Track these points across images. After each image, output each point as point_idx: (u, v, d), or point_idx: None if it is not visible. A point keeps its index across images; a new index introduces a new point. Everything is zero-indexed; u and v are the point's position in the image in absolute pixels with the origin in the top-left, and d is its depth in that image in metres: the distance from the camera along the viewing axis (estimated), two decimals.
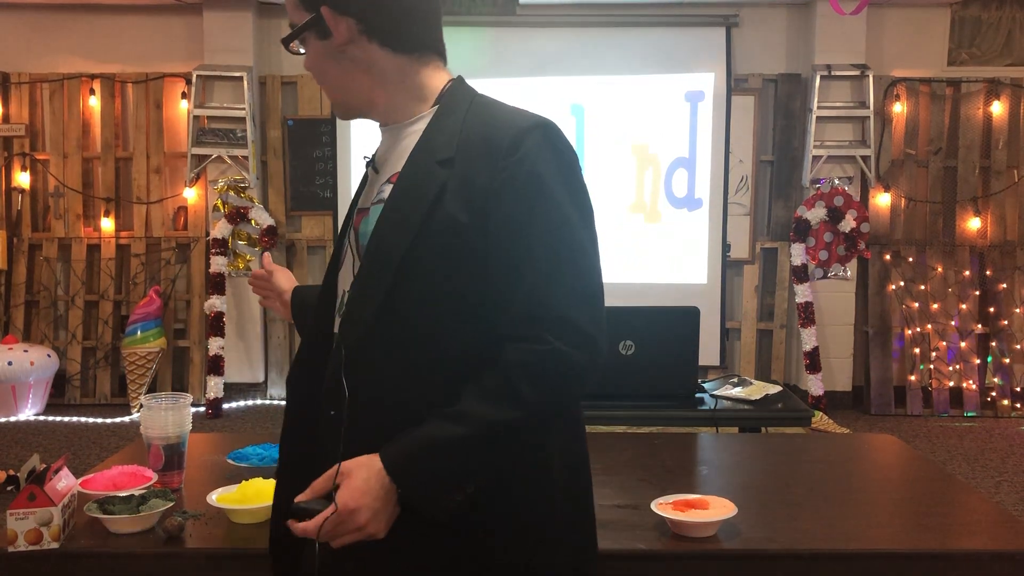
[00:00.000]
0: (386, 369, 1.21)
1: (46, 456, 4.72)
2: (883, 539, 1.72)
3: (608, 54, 6.01)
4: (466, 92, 1.30)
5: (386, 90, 1.29)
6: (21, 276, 6.23)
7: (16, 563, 1.61)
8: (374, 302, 1.20)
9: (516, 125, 1.20)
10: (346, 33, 1.25)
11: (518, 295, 1.16)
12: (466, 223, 1.17)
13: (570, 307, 1.16)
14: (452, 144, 1.21)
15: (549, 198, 1.17)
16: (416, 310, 1.19)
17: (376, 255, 1.23)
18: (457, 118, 1.24)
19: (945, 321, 6.05)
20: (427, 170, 1.21)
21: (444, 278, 1.18)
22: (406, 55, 1.28)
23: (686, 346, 3.00)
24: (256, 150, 6.11)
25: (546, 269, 1.16)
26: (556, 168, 1.19)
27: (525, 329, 1.16)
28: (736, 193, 6.15)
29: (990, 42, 6.29)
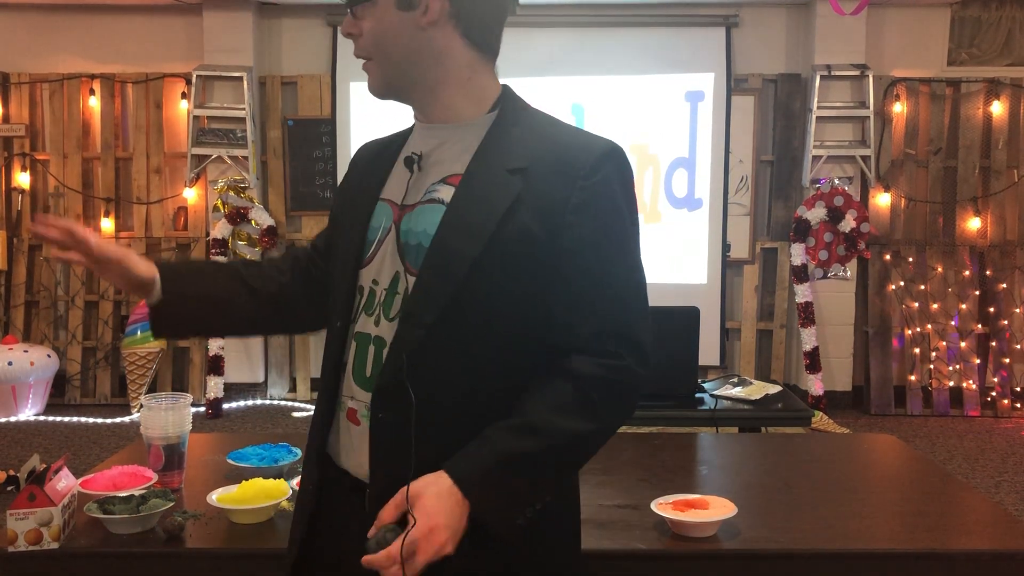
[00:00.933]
0: (443, 374, 1.19)
1: (46, 456, 4.72)
2: (883, 539, 1.72)
3: (608, 54, 6.01)
4: (522, 103, 1.31)
5: (451, 83, 1.25)
6: (21, 276, 6.23)
7: (16, 563, 1.61)
8: (437, 306, 1.19)
9: (593, 148, 1.22)
10: (437, 11, 1.21)
11: (596, 311, 1.20)
12: (539, 235, 1.18)
13: (640, 327, 1.23)
14: (524, 156, 1.21)
15: (622, 221, 1.24)
16: (479, 316, 1.19)
17: (441, 258, 1.20)
18: (521, 129, 1.25)
19: (945, 321, 6.05)
20: (498, 178, 1.20)
21: (510, 287, 1.19)
22: (480, 52, 1.27)
23: (686, 346, 3.00)
24: (256, 150, 6.11)
25: (622, 289, 1.22)
26: (626, 194, 1.25)
27: (602, 344, 1.19)
28: (736, 193, 6.15)
29: (990, 42, 6.29)
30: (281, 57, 6.26)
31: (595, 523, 1.75)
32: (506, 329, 1.20)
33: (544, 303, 1.20)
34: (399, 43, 1.24)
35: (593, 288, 1.20)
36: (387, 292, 1.25)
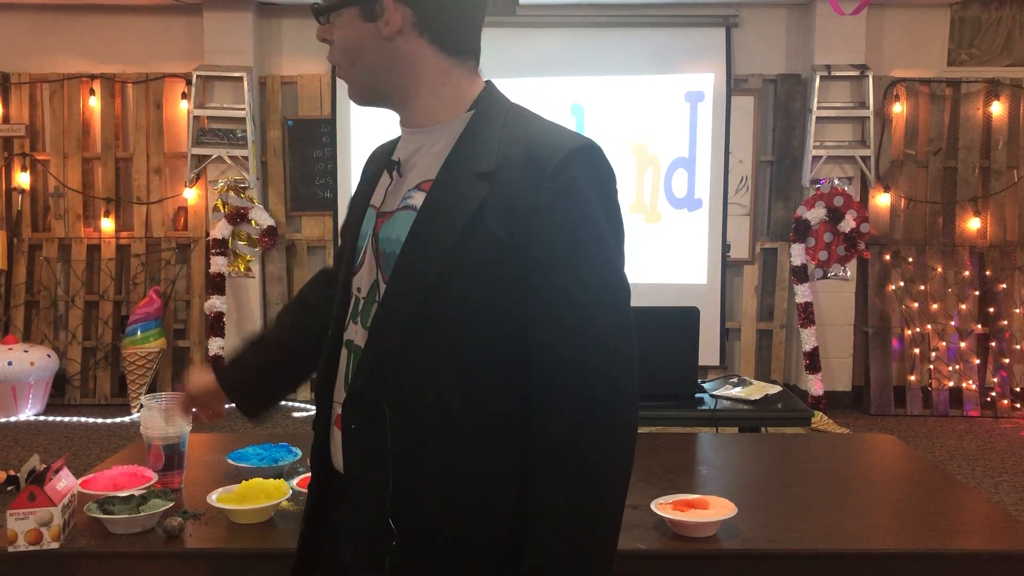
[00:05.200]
0: (415, 383, 1.19)
1: (46, 456, 4.72)
2: (883, 539, 1.72)
3: (608, 54, 6.02)
4: (501, 101, 1.27)
5: (424, 90, 1.25)
6: (21, 276, 6.23)
7: (16, 563, 1.61)
8: (406, 313, 1.18)
9: (562, 146, 1.18)
10: (399, 21, 1.21)
11: (564, 324, 1.14)
12: (505, 240, 1.15)
13: (613, 334, 1.16)
14: (492, 157, 1.18)
15: (593, 223, 1.16)
16: (450, 325, 1.17)
17: (409, 268, 1.20)
18: (495, 129, 1.21)
19: (945, 321, 6.05)
20: (466, 182, 1.18)
21: (479, 295, 1.16)
22: (451, 57, 1.25)
23: (686, 346, 3.00)
24: (256, 150, 6.11)
25: (593, 296, 1.15)
26: (599, 194, 1.18)
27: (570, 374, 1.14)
28: (736, 193, 6.15)
29: (990, 42, 6.29)
30: (281, 57, 6.26)
31: None
32: (479, 337, 1.17)
33: (516, 311, 1.16)
34: (366, 53, 1.25)
35: (561, 297, 1.14)
36: (365, 300, 1.26)
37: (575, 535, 1.12)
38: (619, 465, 1.16)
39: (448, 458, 1.18)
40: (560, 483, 1.12)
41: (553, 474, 1.13)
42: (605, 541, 1.15)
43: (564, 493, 1.12)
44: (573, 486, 1.12)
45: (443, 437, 1.18)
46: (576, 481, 1.12)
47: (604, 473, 1.14)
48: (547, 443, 1.14)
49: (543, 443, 1.14)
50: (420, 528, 1.18)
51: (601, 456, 1.13)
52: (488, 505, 1.18)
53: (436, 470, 1.18)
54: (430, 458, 1.18)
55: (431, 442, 1.18)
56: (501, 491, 1.18)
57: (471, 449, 1.18)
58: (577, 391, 1.13)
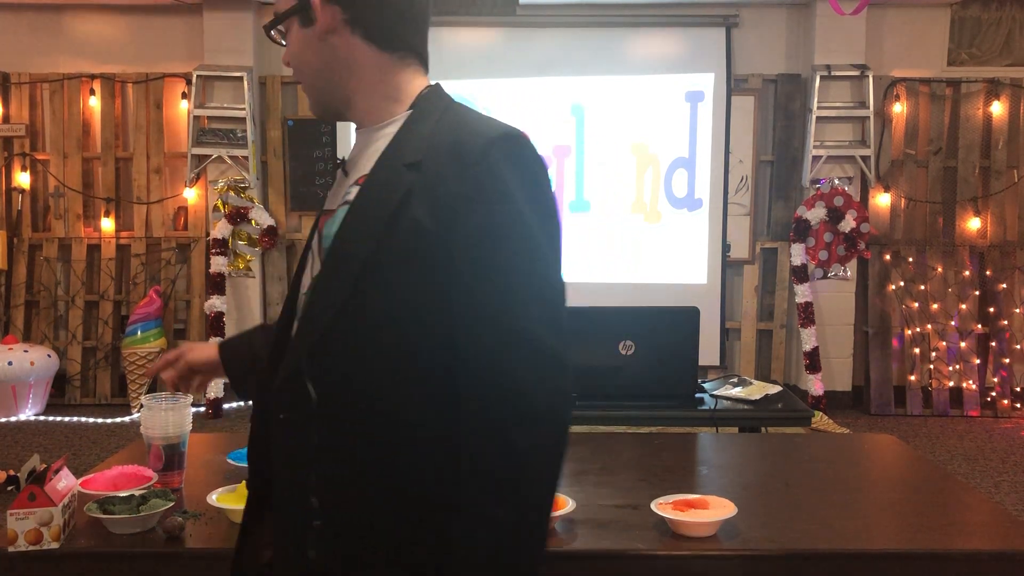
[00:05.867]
0: (342, 375, 1.19)
1: (46, 456, 4.72)
2: (883, 539, 1.72)
3: (608, 54, 6.02)
4: (442, 98, 1.28)
5: (364, 88, 1.27)
6: (21, 276, 6.23)
7: (16, 563, 1.61)
8: (333, 305, 1.19)
9: (484, 134, 1.18)
10: (331, 21, 1.24)
11: (482, 308, 1.13)
12: (431, 229, 1.15)
13: (534, 322, 1.13)
14: (421, 148, 1.20)
15: (513, 209, 1.15)
16: (376, 315, 1.17)
17: (337, 257, 1.21)
18: (429, 124, 1.23)
19: (945, 321, 6.05)
20: (394, 173, 1.20)
21: (406, 283, 1.16)
22: (388, 53, 1.26)
23: (686, 346, 3.00)
24: (256, 150, 6.11)
25: (517, 284, 1.13)
26: (521, 180, 1.17)
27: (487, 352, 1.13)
28: (736, 193, 6.15)
29: (990, 42, 6.29)
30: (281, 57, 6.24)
31: (595, 523, 1.75)
32: (406, 327, 1.17)
33: (442, 301, 1.16)
34: (309, 59, 1.28)
35: (483, 287, 1.13)
36: (306, 296, 1.27)
37: (496, 531, 1.11)
38: (543, 464, 1.13)
39: (373, 449, 1.18)
40: (482, 479, 1.11)
41: (475, 469, 1.12)
42: (528, 540, 1.13)
43: (486, 490, 1.11)
44: (495, 483, 1.11)
45: (369, 428, 1.18)
46: (498, 478, 1.11)
47: (527, 472, 1.11)
48: (470, 439, 1.13)
49: (467, 439, 1.14)
50: (343, 517, 1.19)
51: (524, 454, 1.11)
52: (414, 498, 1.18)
53: (361, 461, 1.18)
54: (355, 449, 1.19)
55: (356, 433, 1.19)
56: (428, 485, 1.18)
57: (398, 441, 1.18)
58: (498, 385, 1.11)
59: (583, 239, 6.08)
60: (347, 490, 1.19)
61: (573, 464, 2.16)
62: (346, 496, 1.19)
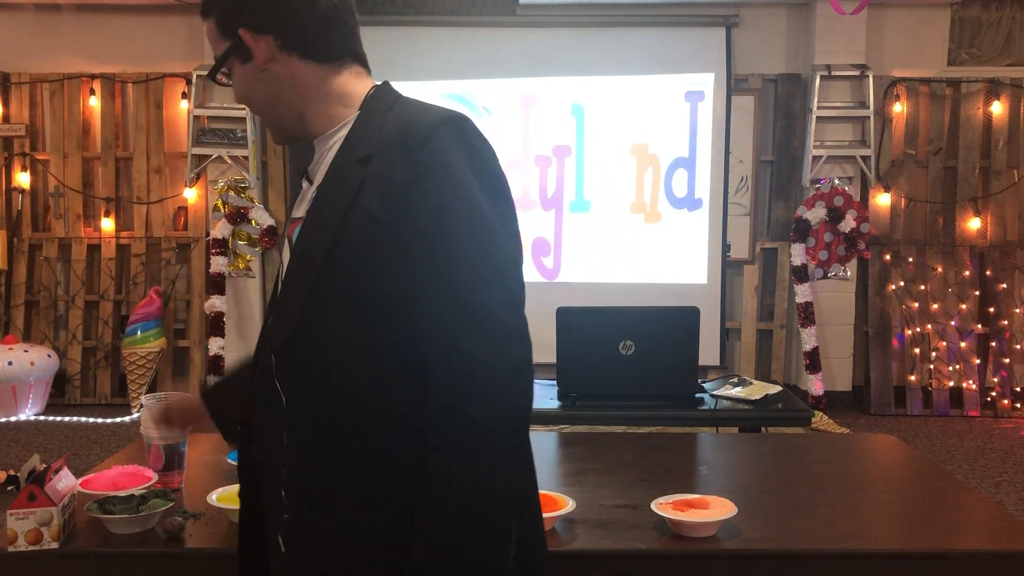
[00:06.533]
0: (311, 373, 1.22)
1: (46, 456, 4.72)
2: (883, 539, 1.72)
3: (608, 54, 6.01)
4: (389, 95, 1.31)
5: (311, 102, 1.30)
6: (21, 276, 6.23)
7: (16, 563, 1.61)
8: (299, 302, 1.22)
9: (428, 120, 1.20)
10: (266, 51, 1.27)
11: (438, 291, 1.15)
12: (382, 217, 1.17)
13: (489, 299, 1.14)
14: (372, 143, 1.22)
15: (461, 189, 1.16)
16: (341, 308, 1.20)
17: (300, 256, 1.24)
18: (378, 120, 1.25)
19: (945, 321, 6.05)
20: (348, 170, 1.23)
21: (366, 274, 1.18)
22: (326, 64, 1.29)
23: (686, 346, 3.00)
24: (256, 150, 6.11)
25: (461, 261, 1.15)
26: (467, 160, 1.19)
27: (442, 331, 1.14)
28: (736, 193, 6.15)
29: (990, 42, 6.29)
30: None
31: (595, 523, 1.75)
32: (369, 319, 1.19)
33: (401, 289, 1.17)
34: (256, 91, 1.32)
35: (438, 266, 1.15)
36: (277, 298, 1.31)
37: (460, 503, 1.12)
38: (503, 442, 1.13)
39: (343, 439, 1.20)
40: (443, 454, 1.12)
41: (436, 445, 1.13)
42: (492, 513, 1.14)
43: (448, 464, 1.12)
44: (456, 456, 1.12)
45: (338, 419, 1.20)
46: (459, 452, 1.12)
47: (488, 445, 1.12)
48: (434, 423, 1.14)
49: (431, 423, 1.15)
50: (311, 510, 1.22)
51: (483, 429, 1.11)
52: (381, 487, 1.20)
53: (331, 450, 1.21)
54: (325, 440, 1.21)
55: (326, 424, 1.21)
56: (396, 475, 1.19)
57: (366, 431, 1.20)
58: (455, 363, 1.12)
59: (583, 239, 6.08)
60: (314, 483, 1.22)
61: (573, 464, 2.16)
62: (313, 490, 1.22)
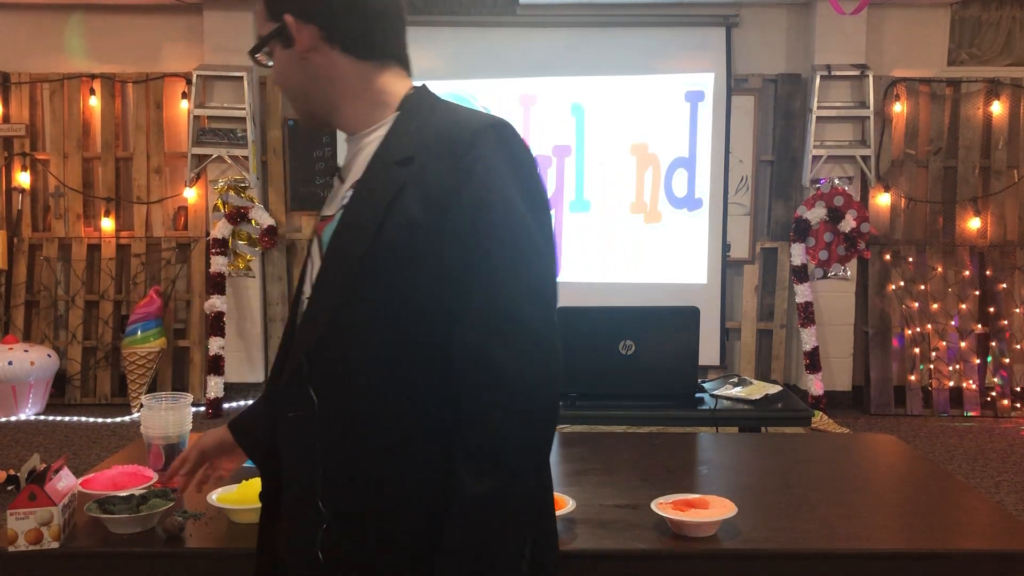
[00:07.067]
0: (343, 374, 1.21)
1: (46, 456, 4.73)
2: (883, 539, 1.72)
3: (608, 54, 6.01)
4: (428, 98, 1.30)
5: (348, 97, 1.30)
6: (21, 276, 6.23)
7: (16, 563, 1.61)
8: (332, 304, 1.21)
9: (471, 125, 1.20)
10: (309, 40, 1.27)
11: (472, 298, 1.15)
12: (423, 221, 1.16)
13: (523, 310, 1.14)
14: (411, 145, 1.22)
15: (502, 197, 1.16)
16: (375, 310, 1.19)
17: (335, 257, 1.23)
18: (418, 122, 1.25)
19: (945, 321, 6.05)
20: (386, 171, 1.22)
21: (402, 277, 1.18)
22: (368, 62, 1.29)
23: (686, 346, 3.00)
24: (256, 150, 6.11)
25: (498, 270, 1.15)
26: (510, 168, 1.18)
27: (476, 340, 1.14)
28: (736, 193, 6.15)
29: (990, 42, 6.29)
30: None
31: (595, 523, 1.75)
32: (403, 323, 1.18)
33: (437, 294, 1.17)
34: (292, 77, 1.32)
35: (475, 274, 1.15)
36: (307, 299, 1.29)
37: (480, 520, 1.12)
38: (527, 453, 1.14)
39: (375, 444, 1.20)
40: (469, 462, 1.13)
41: (464, 457, 1.14)
42: (511, 530, 1.14)
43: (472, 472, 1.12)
44: (480, 465, 1.12)
45: (370, 423, 1.20)
46: (483, 460, 1.12)
47: (509, 461, 1.12)
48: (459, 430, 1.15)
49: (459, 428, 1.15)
50: (349, 512, 1.21)
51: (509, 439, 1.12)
52: (414, 491, 1.19)
53: (363, 456, 1.20)
54: (357, 444, 1.20)
55: (359, 428, 1.20)
56: (427, 477, 1.19)
57: (398, 435, 1.19)
58: (486, 372, 1.13)
59: (583, 239, 6.08)
60: (351, 490, 1.20)
61: (573, 464, 2.16)
62: (350, 496, 1.20)
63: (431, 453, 1.19)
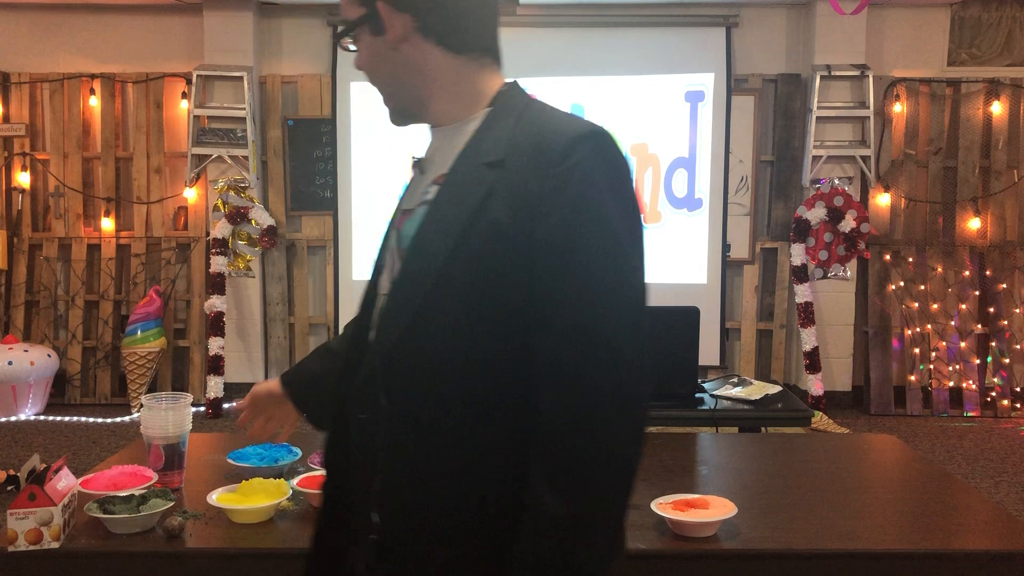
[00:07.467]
0: (416, 374, 1.17)
1: (46, 456, 4.73)
2: (883, 539, 1.72)
3: (608, 54, 6.02)
4: (520, 96, 1.26)
5: (438, 91, 1.25)
6: (21, 276, 6.23)
7: (16, 563, 1.61)
8: (412, 306, 1.17)
9: (568, 132, 1.14)
10: (401, 30, 1.22)
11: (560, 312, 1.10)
12: (511, 228, 1.12)
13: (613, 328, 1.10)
14: (502, 147, 1.16)
15: (598, 213, 1.11)
16: (453, 315, 1.15)
17: (417, 258, 1.19)
18: (509, 122, 1.20)
19: (945, 321, 6.05)
20: (474, 172, 1.17)
21: (485, 283, 1.13)
22: (461, 55, 1.24)
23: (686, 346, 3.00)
24: (256, 150, 6.11)
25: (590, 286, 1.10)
26: (607, 180, 1.13)
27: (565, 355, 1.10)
28: (736, 193, 6.15)
29: (990, 42, 6.29)
30: (281, 57, 6.26)
31: None
32: (482, 330, 1.14)
33: (520, 303, 1.13)
34: (380, 67, 1.27)
35: (564, 289, 1.10)
36: (386, 298, 1.25)
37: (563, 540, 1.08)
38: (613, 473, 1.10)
39: (440, 454, 1.16)
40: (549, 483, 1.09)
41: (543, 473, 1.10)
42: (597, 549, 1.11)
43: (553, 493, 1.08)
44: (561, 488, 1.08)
45: (438, 433, 1.16)
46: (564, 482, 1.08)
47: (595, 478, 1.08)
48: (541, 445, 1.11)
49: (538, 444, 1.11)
50: (404, 526, 1.17)
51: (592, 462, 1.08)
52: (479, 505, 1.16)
53: (426, 467, 1.16)
54: (421, 454, 1.16)
55: (425, 437, 1.16)
56: (494, 490, 1.15)
57: (467, 446, 1.16)
58: (571, 393, 1.09)
59: None
60: (409, 498, 1.17)
61: None
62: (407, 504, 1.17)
63: (500, 467, 1.15)
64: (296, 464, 2.10)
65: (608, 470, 1.10)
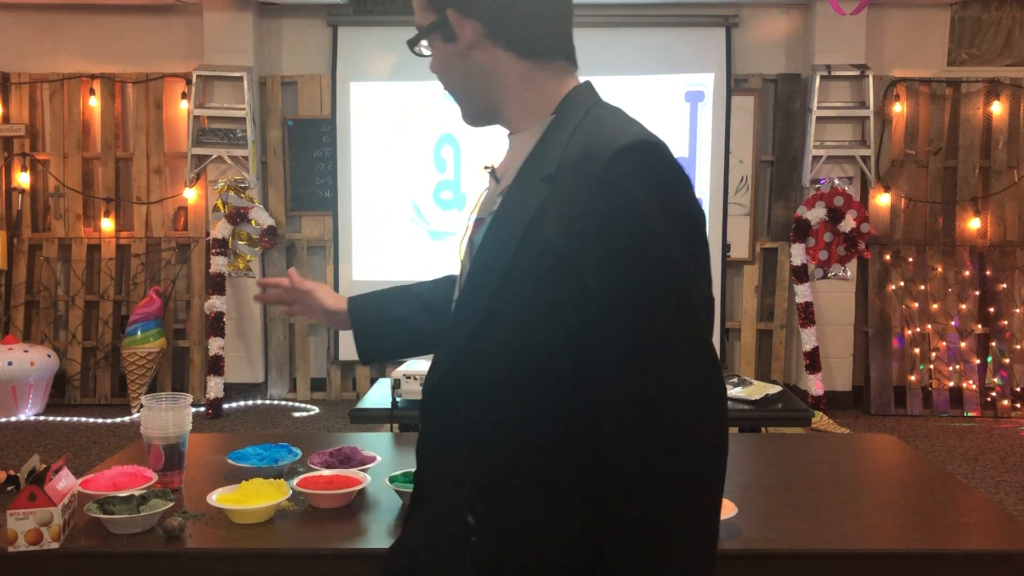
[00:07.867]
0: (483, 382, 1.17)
1: (46, 456, 4.73)
2: (883, 539, 1.72)
3: (608, 54, 6.01)
4: (584, 101, 1.24)
5: (510, 97, 1.25)
6: (21, 276, 6.23)
7: (16, 563, 1.61)
8: (475, 320, 1.18)
9: (612, 145, 1.11)
10: (471, 36, 1.22)
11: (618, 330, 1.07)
12: (562, 245, 1.10)
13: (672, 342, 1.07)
14: (556, 160, 1.15)
15: (644, 227, 1.07)
16: (510, 331, 1.15)
17: (480, 269, 1.20)
18: (567, 131, 1.19)
19: (945, 321, 6.05)
20: (530, 187, 1.17)
21: (538, 299, 1.13)
22: (532, 60, 1.24)
23: None
24: (256, 150, 6.11)
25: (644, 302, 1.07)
26: (655, 194, 1.09)
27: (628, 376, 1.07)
28: (736, 193, 6.15)
29: (990, 42, 6.29)
30: (281, 57, 6.26)
31: None
32: (540, 348, 1.13)
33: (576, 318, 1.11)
34: (452, 73, 1.28)
35: (620, 306, 1.07)
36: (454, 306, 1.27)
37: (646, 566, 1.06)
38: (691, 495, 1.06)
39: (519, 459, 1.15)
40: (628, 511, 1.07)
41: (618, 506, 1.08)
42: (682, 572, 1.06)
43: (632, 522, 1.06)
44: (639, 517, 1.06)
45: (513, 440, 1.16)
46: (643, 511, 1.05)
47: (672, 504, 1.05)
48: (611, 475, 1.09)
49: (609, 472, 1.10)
50: (498, 527, 1.16)
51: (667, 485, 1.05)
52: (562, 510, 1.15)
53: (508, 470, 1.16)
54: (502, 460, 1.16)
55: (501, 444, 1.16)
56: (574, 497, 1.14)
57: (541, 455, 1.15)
58: (633, 415, 1.06)
59: None
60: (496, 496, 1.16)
61: None
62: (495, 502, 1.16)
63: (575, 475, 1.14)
64: (296, 464, 2.10)
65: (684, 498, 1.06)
